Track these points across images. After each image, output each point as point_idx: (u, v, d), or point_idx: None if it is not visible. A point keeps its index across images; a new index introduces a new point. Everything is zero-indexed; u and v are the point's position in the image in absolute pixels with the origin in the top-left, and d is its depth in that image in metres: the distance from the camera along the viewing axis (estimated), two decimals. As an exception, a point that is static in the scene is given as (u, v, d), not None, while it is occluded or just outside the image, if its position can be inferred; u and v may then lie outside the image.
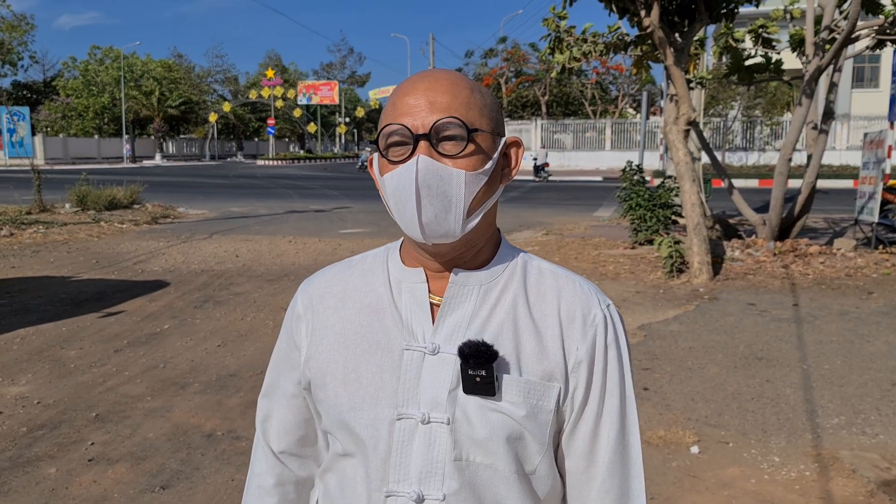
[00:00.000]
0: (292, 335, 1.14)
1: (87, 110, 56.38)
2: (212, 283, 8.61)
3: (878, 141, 10.40)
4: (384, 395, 1.03)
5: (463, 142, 0.98)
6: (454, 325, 1.03)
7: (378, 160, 1.04)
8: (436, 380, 1.01)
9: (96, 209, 16.07)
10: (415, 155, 0.97)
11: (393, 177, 0.99)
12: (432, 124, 0.97)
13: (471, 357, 0.99)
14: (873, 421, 4.28)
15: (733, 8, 8.92)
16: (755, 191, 20.61)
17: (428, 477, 1.01)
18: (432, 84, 1.00)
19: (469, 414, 1.00)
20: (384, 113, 1.03)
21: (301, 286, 1.17)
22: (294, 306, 1.16)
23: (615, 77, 43.73)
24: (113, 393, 4.82)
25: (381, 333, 1.06)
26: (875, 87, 33.78)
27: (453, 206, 0.97)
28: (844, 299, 7.38)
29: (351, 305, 1.10)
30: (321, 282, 1.15)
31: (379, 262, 1.13)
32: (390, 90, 32.27)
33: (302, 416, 1.17)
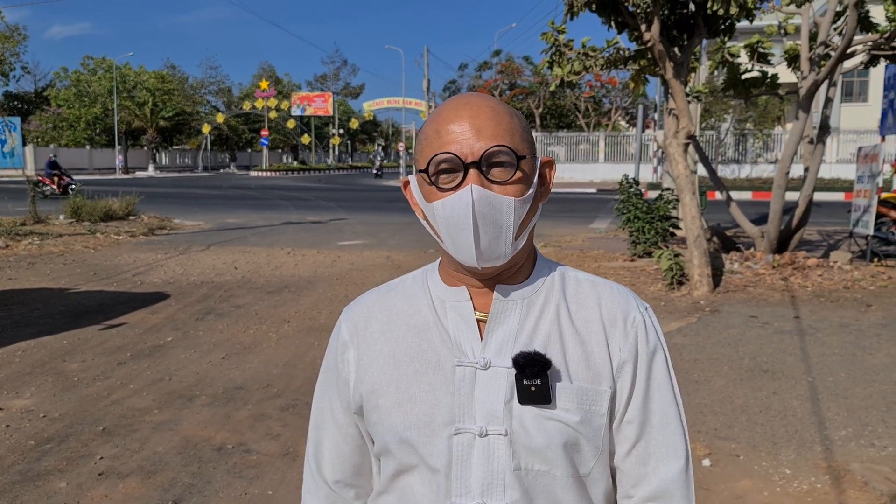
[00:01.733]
0: (338, 362, 1.17)
1: (79, 121, 56.21)
2: (212, 294, 8.59)
3: (873, 155, 10.50)
4: (440, 412, 1.05)
5: (512, 168, 1.02)
6: (502, 339, 1.07)
7: (422, 186, 1.07)
8: (490, 393, 1.04)
9: (91, 220, 16.00)
10: (466, 183, 1.00)
11: (445, 205, 1.02)
12: (483, 152, 1.00)
13: (526, 367, 1.02)
14: (881, 433, 4.30)
15: (732, 23, 9.01)
16: (749, 203, 20.72)
17: (490, 489, 1.03)
18: (476, 111, 1.03)
19: (526, 424, 1.03)
20: (426, 139, 1.05)
21: (344, 313, 1.20)
22: (338, 333, 1.18)
23: (608, 90, 44.00)
24: (119, 406, 4.79)
25: (430, 353, 1.09)
26: (864, 101, 34.12)
27: (503, 232, 1.01)
28: (844, 312, 7.43)
29: (397, 328, 1.13)
30: (363, 307, 1.18)
31: (419, 283, 1.16)
32: (384, 102, 32.61)
33: (355, 444, 1.18)
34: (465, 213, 0.99)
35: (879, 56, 9.92)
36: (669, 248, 9.32)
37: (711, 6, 7.82)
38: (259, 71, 73.32)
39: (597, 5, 8.70)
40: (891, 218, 10.98)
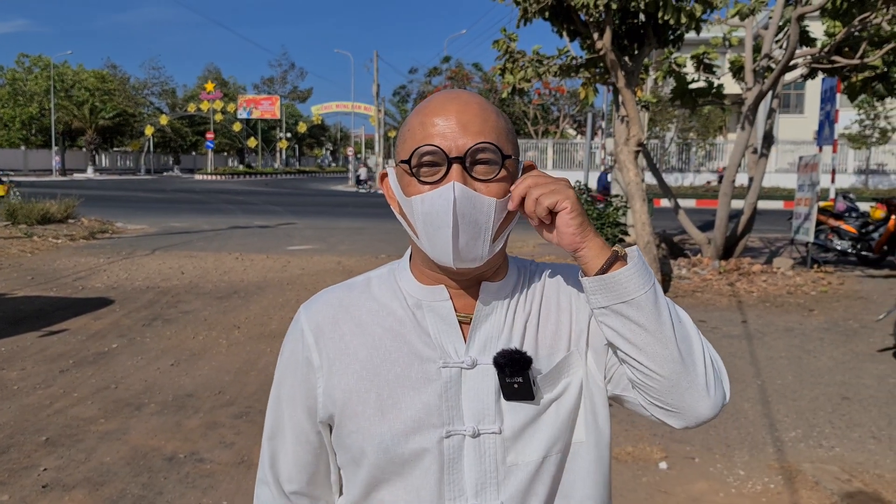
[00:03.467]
0: (300, 367, 1.09)
1: (14, 120, 54.26)
2: (158, 300, 8.35)
3: (812, 164, 10.87)
4: (429, 416, 1.02)
5: (496, 167, 1.00)
6: (486, 337, 1.06)
7: (401, 178, 1.03)
8: (479, 392, 1.03)
9: (28, 223, 15.39)
10: (448, 179, 0.98)
11: (425, 201, 0.99)
12: (468, 148, 0.98)
13: (506, 366, 1.02)
14: (828, 434, 4.43)
15: (680, 34, 9.21)
16: (693, 210, 21.20)
17: (483, 488, 1.03)
18: (463, 106, 1.01)
19: (514, 419, 1.03)
20: (410, 130, 1.03)
21: (303, 314, 1.11)
22: (300, 336, 1.10)
23: (557, 98, 44.59)
24: (62, 415, 4.60)
25: (411, 355, 1.05)
26: (800, 112, 35.37)
27: (482, 233, 0.99)
28: (788, 316, 7.65)
29: (371, 330, 1.07)
30: (327, 307, 1.11)
31: (387, 282, 1.11)
32: (333, 106, 32.41)
33: (314, 452, 1.12)
34: (446, 211, 0.97)
35: (818, 69, 10.28)
36: (620, 254, 9.45)
37: (662, 16, 7.99)
38: (204, 72, 71.90)
39: (550, 13, 8.79)
40: (829, 225, 11.38)
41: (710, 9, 8.46)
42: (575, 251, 1.00)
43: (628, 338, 1.00)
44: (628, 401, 1.10)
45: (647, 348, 0.99)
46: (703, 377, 1.02)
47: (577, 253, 1.00)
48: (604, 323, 1.02)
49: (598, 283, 0.99)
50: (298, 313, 1.12)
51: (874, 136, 30.36)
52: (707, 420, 1.04)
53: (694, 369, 1.01)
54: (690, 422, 1.05)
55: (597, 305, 1.01)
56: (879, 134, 30.17)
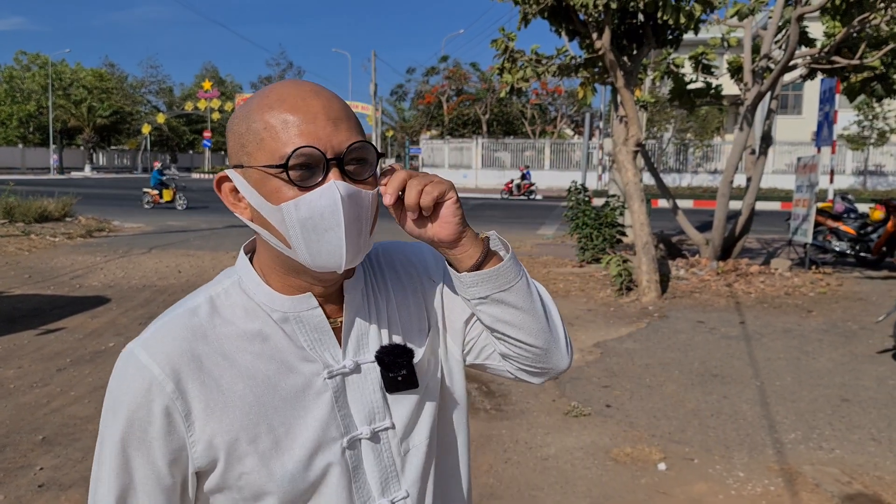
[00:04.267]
0: (157, 420, 0.92)
1: (11, 118, 54.13)
2: (155, 299, 8.32)
3: (811, 165, 10.87)
4: (327, 431, 0.99)
5: (371, 166, 0.96)
6: (357, 336, 1.04)
7: (262, 184, 0.93)
8: (364, 393, 1.02)
9: (25, 221, 15.35)
10: (327, 180, 0.91)
11: (301, 205, 0.90)
12: (346, 147, 0.92)
13: (392, 364, 1.03)
14: (828, 436, 4.42)
15: (679, 34, 9.20)
16: (691, 211, 21.22)
17: (387, 484, 1.03)
18: (327, 102, 0.94)
19: (402, 409, 1.05)
20: (269, 129, 0.92)
21: (143, 357, 0.93)
22: (149, 385, 0.92)
23: (554, 98, 44.59)
24: (59, 414, 4.58)
25: (293, 376, 0.98)
26: (798, 113, 35.41)
27: (364, 228, 0.95)
28: (787, 317, 7.64)
29: (240, 359, 0.97)
30: (173, 343, 0.95)
31: (236, 300, 1.00)
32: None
33: (175, 501, 0.98)
34: (333, 212, 0.90)
35: (817, 70, 10.27)
36: (618, 255, 9.45)
37: (661, 16, 7.97)
38: (202, 71, 71.84)
39: (549, 13, 8.78)
40: (827, 227, 11.38)
41: (710, 9, 8.45)
42: (456, 241, 0.99)
43: (508, 321, 1.04)
44: (490, 368, 1.16)
45: (525, 326, 1.05)
46: (563, 339, 1.11)
47: (458, 244, 1.00)
48: (482, 311, 1.04)
49: (480, 277, 1.01)
50: (132, 356, 0.94)
51: (872, 137, 30.41)
52: (564, 372, 1.14)
53: (558, 334, 1.10)
54: (552, 377, 1.14)
55: (475, 296, 1.03)
56: (878, 135, 30.21)
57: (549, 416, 4.75)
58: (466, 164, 38.62)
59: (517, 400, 5.04)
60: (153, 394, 0.92)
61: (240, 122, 0.97)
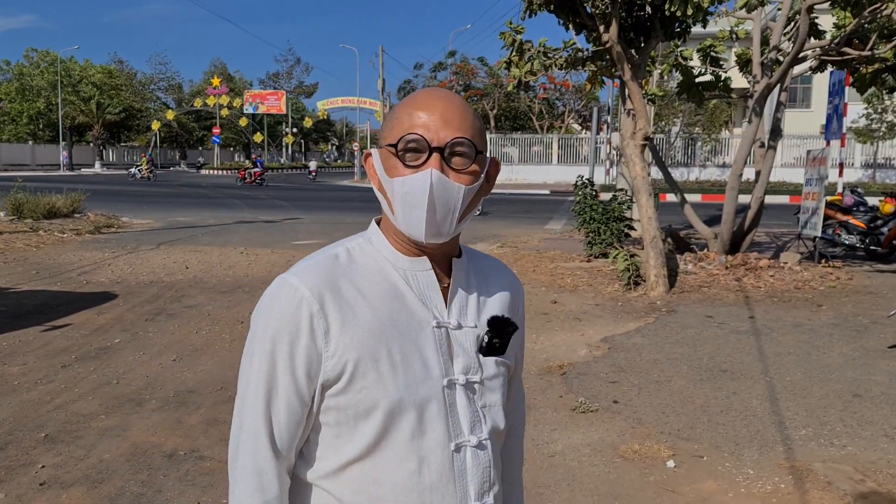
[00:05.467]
0: (304, 332, 1.13)
1: (21, 115, 54.37)
2: (162, 295, 8.31)
3: (821, 158, 10.75)
4: (431, 369, 1.17)
5: (469, 160, 1.15)
6: (460, 302, 1.23)
7: (386, 160, 1.16)
8: (465, 349, 1.21)
9: (34, 217, 15.39)
10: (427, 165, 1.12)
11: (405, 182, 1.13)
12: (448, 140, 1.13)
13: (500, 328, 1.24)
14: (840, 432, 4.35)
15: (687, 27, 9.10)
16: (699, 205, 21.03)
17: (475, 426, 1.20)
18: (448, 104, 1.15)
19: (489, 370, 1.24)
20: (398, 118, 1.16)
21: (294, 281, 1.14)
22: (298, 302, 1.13)
23: (562, 93, 44.39)
24: (63, 411, 4.56)
25: (409, 316, 1.18)
26: (807, 107, 35.12)
27: (450, 214, 1.14)
28: (796, 312, 7.56)
29: (370, 294, 1.17)
30: (321, 274, 1.16)
31: (368, 253, 1.22)
32: (339, 101, 32.50)
33: (304, 414, 1.17)
34: (423, 192, 1.11)
35: (827, 62, 10.16)
36: (625, 249, 9.37)
37: (668, 7, 7.88)
38: (211, 68, 71.92)
39: (555, 5, 8.69)
40: (837, 220, 11.26)
41: (718, 0, 8.34)
42: None
43: None
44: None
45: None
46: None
47: None
48: None
49: None
50: (286, 282, 1.15)
51: (881, 130, 30.12)
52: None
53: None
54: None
55: None
56: (887, 128, 29.92)
57: (556, 413, 4.69)
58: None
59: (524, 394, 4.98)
60: (302, 310, 1.12)
61: (390, 111, 1.21)
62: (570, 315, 7.47)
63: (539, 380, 5.34)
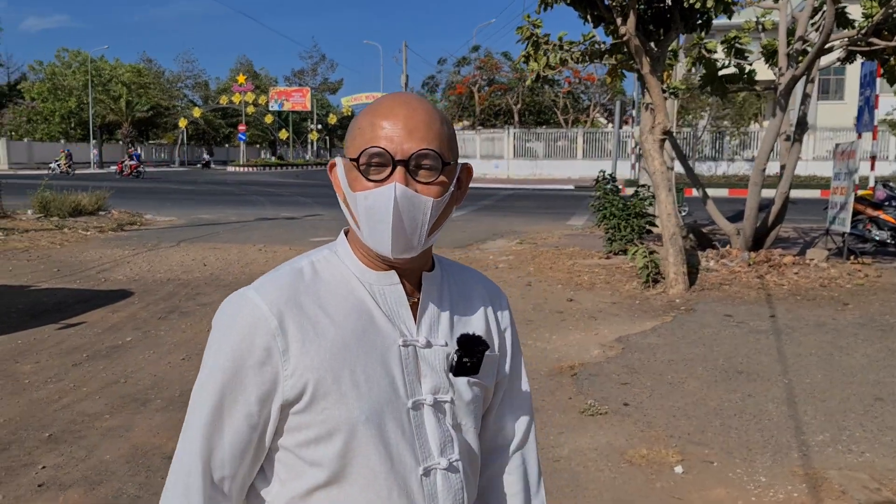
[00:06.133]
0: (257, 352, 1.07)
1: (53, 114, 55.26)
2: (178, 292, 8.34)
3: (850, 152, 10.46)
4: (397, 388, 1.12)
5: (436, 172, 1.09)
6: (430, 320, 1.18)
7: (349, 172, 1.11)
8: (434, 368, 1.16)
9: (60, 216, 15.59)
10: (391, 179, 1.06)
11: (368, 196, 1.07)
12: (412, 153, 1.07)
13: (470, 349, 1.17)
14: (859, 438, 4.19)
15: (708, 18, 8.89)
16: (725, 200, 20.76)
17: (444, 447, 1.16)
18: (411, 112, 1.09)
19: (461, 390, 1.19)
20: (360, 129, 1.10)
21: (254, 298, 1.09)
22: (255, 321, 1.07)
23: (587, 87, 43.97)
24: (69, 411, 4.56)
25: (375, 333, 1.12)
26: (840, 99, 34.35)
27: (418, 228, 1.09)
28: (820, 310, 7.35)
29: (334, 311, 1.11)
30: (281, 290, 1.11)
31: (334, 266, 1.17)
32: (363, 97, 32.72)
33: (257, 436, 1.11)
34: (387, 207, 1.05)
35: (856, 52, 9.87)
36: (645, 246, 9.21)
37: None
38: (236, 65, 72.44)
39: (573, -2, 8.55)
40: (867, 215, 10.96)
41: (741, -9, 8.12)
42: None
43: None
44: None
45: None
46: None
47: None
48: None
49: None
50: (245, 297, 1.10)
51: (917, 122, 29.33)
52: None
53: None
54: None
55: None
56: (923, 120, 29.14)
57: (565, 415, 4.59)
58: (498, 154, 38.31)
59: (532, 397, 4.88)
60: (258, 328, 1.07)
61: (353, 119, 1.15)
62: (586, 314, 7.34)
63: (549, 381, 5.24)
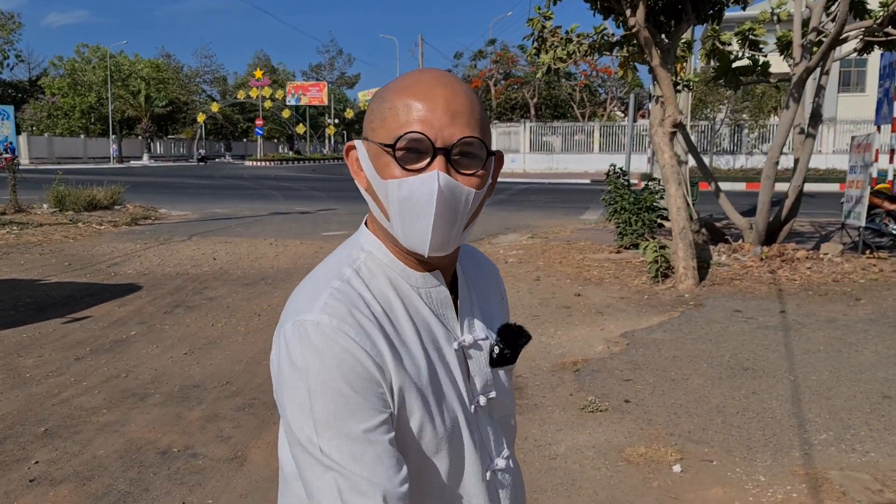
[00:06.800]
0: (362, 363, 0.94)
1: (74, 110, 55.83)
2: (185, 286, 8.36)
3: (866, 145, 10.27)
4: (461, 394, 1.07)
5: (480, 162, 0.99)
6: (469, 315, 1.12)
7: (377, 158, 1.00)
8: (480, 366, 1.11)
9: (75, 210, 15.75)
10: (431, 168, 0.95)
11: (402, 185, 0.96)
12: (456, 141, 0.96)
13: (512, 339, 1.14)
14: (863, 437, 4.09)
15: (720, 9, 8.75)
16: (743, 194, 20.53)
17: (498, 445, 1.14)
18: (452, 94, 0.98)
19: (501, 381, 1.15)
20: (393, 110, 0.98)
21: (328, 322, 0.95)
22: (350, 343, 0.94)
23: (604, 80, 43.65)
24: (66, 405, 4.57)
25: (433, 337, 1.06)
26: (861, 91, 33.82)
27: (458, 222, 0.99)
28: (832, 306, 7.22)
29: (398, 316, 1.03)
30: (350, 306, 0.98)
31: (379, 269, 1.05)
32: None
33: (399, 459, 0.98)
34: (428, 200, 0.95)
35: (873, 43, 9.66)
36: (656, 240, 9.09)
37: (699, -10, 7.57)
38: (254, 60, 72.82)
39: (582, -11, 8.45)
40: (884, 209, 10.76)
41: (752, -19, 7.97)
42: None
43: None
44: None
45: None
46: None
47: None
48: None
49: None
50: (318, 325, 0.95)
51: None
52: None
53: None
54: None
55: None
56: (947, 112, 28.60)
57: (564, 412, 4.53)
58: (514, 148, 38.15)
59: (532, 393, 4.84)
60: (354, 351, 0.94)
61: (374, 99, 1.04)
62: (593, 309, 7.26)
63: (550, 377, 5.18)
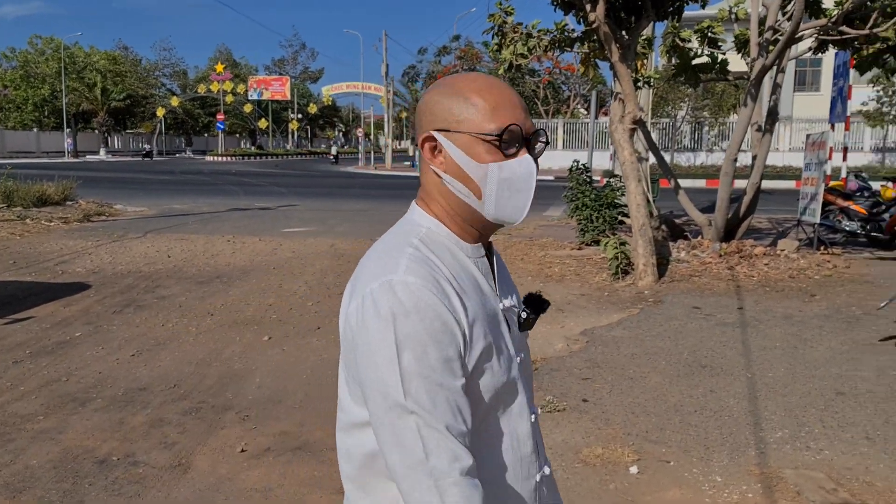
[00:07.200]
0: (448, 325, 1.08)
1: (26, 102, 54.32)
2: (137, 285, 8.11)
3: (820, 142, 10.41)
4: (510, 350, 1.21)
5: (544, 147, 1.21)
6: (501, 283, 1.26)
7: (473, 146, 1.14)
8: (514, 328, 1.25)
9: (24, 206, 15.21)
10: (522, 153, 1.15)
11: (504, 167, 1.14)
12: (534, 130, 1.18)
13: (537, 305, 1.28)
14: (818, 434, 4.09)
15: (680, 6, 8.76)
16: (703, 191, 20.78)
17: (532, 396, 1.30)
18: (516, 94, 1.18)
19: (526, 345, 1.31)
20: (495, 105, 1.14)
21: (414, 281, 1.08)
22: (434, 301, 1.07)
23: (567, 77, 43.84)
24: (0, 412, 4.35)
25: (489, 304, 1.19)
26: (816, 90, 34.52)
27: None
28: (788, 302, 7.27)
29: (464, 282, 1.15)
30: (429, 270, 1.12)
31: (442, 241, 1.19)
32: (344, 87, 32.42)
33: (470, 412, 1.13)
34: (527, 178, 1.15)
35: (828, 42, 9.79)
36: (616, 237, 9.09)
37: (658, -14, 7.55)
38: (215, 54, 71.63)
39: (542, -16, 8.38)
40: (838, 206, 10.94)
41: (711, -22, 7.99)
42: None
43: None
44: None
45: None
46: None
47: None
48: None
49: None
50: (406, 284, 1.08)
51: (892, 113, 29.54)
52: None
53: None
54: None
55: None
56: (898, 111, 29.34)
57: (521, 412, 4.45)
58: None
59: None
60: (437, 309, 1.07)
61: (447, 96, 1.17)
62: (554, 306, 7.20)
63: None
